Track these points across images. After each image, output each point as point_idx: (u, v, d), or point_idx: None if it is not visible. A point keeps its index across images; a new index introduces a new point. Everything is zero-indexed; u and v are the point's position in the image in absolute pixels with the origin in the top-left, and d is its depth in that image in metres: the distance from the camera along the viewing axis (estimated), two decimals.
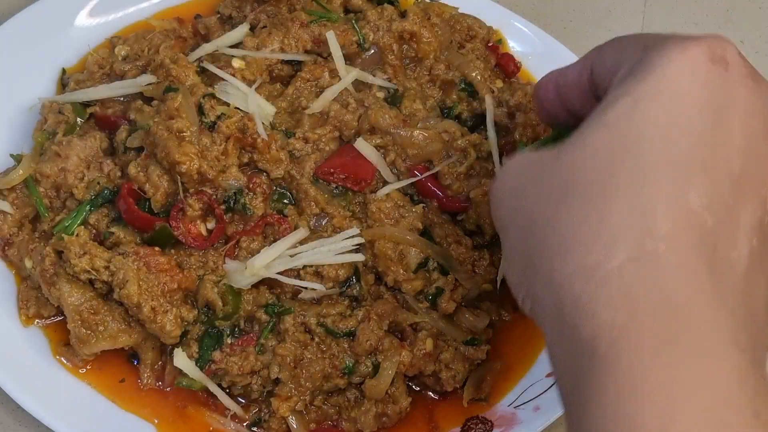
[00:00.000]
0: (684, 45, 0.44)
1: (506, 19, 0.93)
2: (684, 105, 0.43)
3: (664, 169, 0.42)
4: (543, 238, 0.44)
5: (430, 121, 0.80)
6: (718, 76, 0.44)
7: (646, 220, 0.40)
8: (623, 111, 0.43)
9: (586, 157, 0.44)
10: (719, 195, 0.42)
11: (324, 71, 0.80)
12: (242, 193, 0.74)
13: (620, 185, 0.41)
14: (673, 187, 0.41)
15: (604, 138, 0.43)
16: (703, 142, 0.42)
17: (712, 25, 1.03)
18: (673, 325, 0.39)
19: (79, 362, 0.73)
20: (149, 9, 0.90)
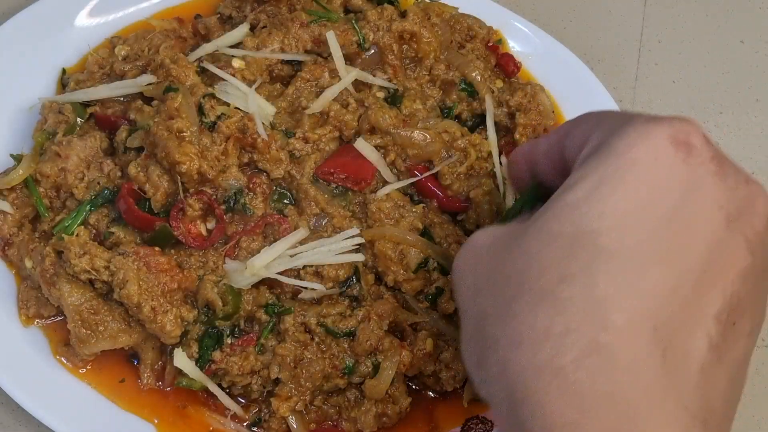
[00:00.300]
0: (647, 129, 0.43)
1: (506, 19, 0.93)
2: (644, 193, 0.42)
3: (620, 260, 0.40)
4: (499, 328, 0.42)
5: (430, 121, 0.80)
6: (681, 161, 0.43)
7: (600, 313, 0.39)
8: (582, 196, 0.42)
9: (543, 244, 0.42)
10: (677, 287, 0.41)
11: (324, 71, 0.80)
12: (242, 193, 0.74)
13: (575, 276, 0.40)
14: (628, 279, 0.40)
15: (562, 224, 0.42)
16: (661, 231, 0.41)
17: (712, 25, 1.03)
18: (624, 422, 0.38)
19: (79, 362, 0.73)
20: (149, 9, 0.90)
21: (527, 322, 0.41)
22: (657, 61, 1.00)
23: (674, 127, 0.43)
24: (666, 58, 1.00)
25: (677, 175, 0.42)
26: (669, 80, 0.99)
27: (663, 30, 1.02)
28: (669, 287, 0.40)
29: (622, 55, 1.00)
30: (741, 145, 0.95)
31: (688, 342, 0.41)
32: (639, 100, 0.97)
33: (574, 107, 0.90)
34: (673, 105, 0.97)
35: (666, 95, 0.98)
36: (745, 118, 0.97)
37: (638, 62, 1.00)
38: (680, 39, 1.02)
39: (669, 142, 0.43)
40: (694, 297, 0.41)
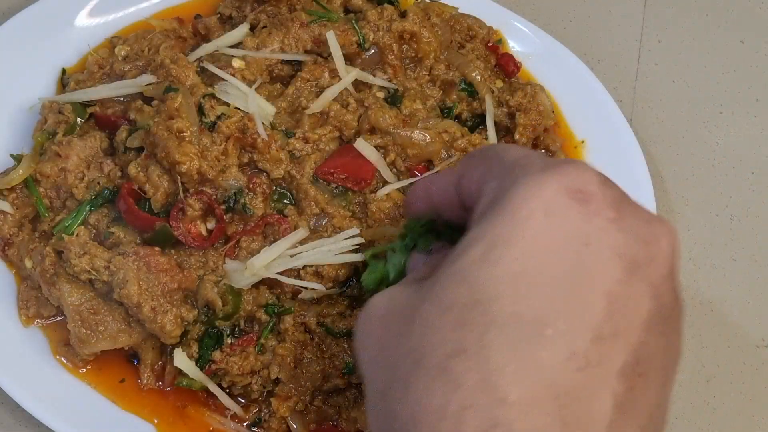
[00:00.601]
0: (540, 181, 0.41)
1: (506, 19, 0.93)
2: (537, 252, 0.39)
3: (514, 329, 0.38)
4: (398, 405, 0.40)
5: (430, 121, 0.80)
6: (576, 213, 0.40)
7: (496, 388, 0.37)
8: (476, 260, 0.40)
9: (437, 315, 0.40)
10: (577, 348, 0.38)
11: (324, 71, 0.80)
12: (242, 193, 0.74)
13: (469, 350, 0.38)
14: (523, 349, 0.38)
15: (455, 293, 0.40)
16: (556, 292, 0.39)
17: (712, 25, 1.03)
18: None
19: (79, 362, 0.73)
20: (149, 9, 0.90)
21: (423, 400, 0.39)
22: (657, 61, 1.00)
23: (568, 176, 0.41)
24: (666, 58, 1.00)
25: (572, 228, 0.40)
26: (669, 80, 0.99)
27: (663, 30, 1.02)
28: (567, 352, 0.38)
29: (622, 55, 1.00)
30: (741, 145, 0.95)
31: (591, 405, 0.38)
32: (639, 100, 0.97)
33: (574, 107, 0.90)
34: (673, 105, 0.97)
35: (666, 95, 0.98)
36: (745, 118, 0.97)
37: (638, 62, 1.00)
38: (680, 39, 1.02)
39: (563, 193, 0.40)
40: (595, 357, 0.38)
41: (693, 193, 0.91)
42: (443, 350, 0.39)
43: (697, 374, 0.82)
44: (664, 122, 0.96)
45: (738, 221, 0.91)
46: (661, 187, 0.89)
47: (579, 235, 0.40)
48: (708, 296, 0.85)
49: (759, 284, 0.87)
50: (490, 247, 0.40)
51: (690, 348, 0.82)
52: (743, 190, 0.92)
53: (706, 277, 0.87)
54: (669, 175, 0.91)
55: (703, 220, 0.90)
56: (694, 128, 0.96)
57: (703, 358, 0.83)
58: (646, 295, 0.41)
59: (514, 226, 0.40)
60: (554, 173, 0.41)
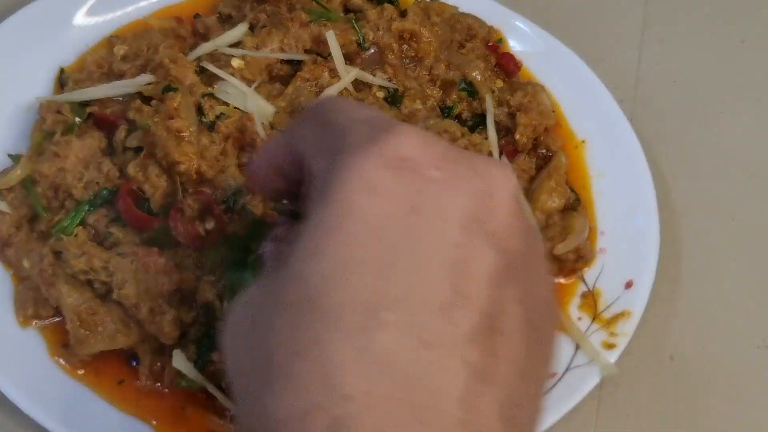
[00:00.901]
0: (358, 158, 0.38)
1: (506, 19, 0.93)
2: (363, 235, 0.37)
3: (346, 320, 0.36)
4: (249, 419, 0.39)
5: (430, 120, 0.79)
6: (399, 183, 0.38)
7: (337, 384, 0.35)
8: (303, 256, 0.38)
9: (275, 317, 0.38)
10: (417, 325, 0.36)
11: (324, 71, 0.79)
12: (241, 193, 0.74)
13: (308, 349, 0.36)
14: (359, 337, 0.35)
15: (290, 291, 0.38)
16: (390, 272, 0.36)
17: (711, 25, 1.03)
18: None
19: (77, 363, 0.73)
20: (148, 8, 0.90)
21: (271, 405, 0.37)
22: (658, 60, 1.00)
23: (386, 146, 0.38)
24: (667, 58, 1.00)
25: (397, 200, 0.38)
26: (669, 80, 0.99)
27: (664, 29, 1.02)
28: (407, 332, 0.36)
29: (622, 54, 0.99)
30: (742, 145, 0.95)
31: (441, 381, 0.36)
32: (640, 100, 0.96)
33: (575, 107, 0.89)
34: (673, 105, 0.97)
35: (666, 95, 0.98)
36: (746, 118, 0.97)
37: (639, 62, 1.00)
38: (681, 38, 1.02)
39: (381, 166, 0.38)
40: (439, 329, 0.36)
41: (694, 193, 0.91)
42: (284, 354, 0.37)
43: (698, 375, 0.82)
44: (665, 122, 0.95)
45: (738, 221, 0.90)
46: (662, 187, 0.88)
47: (405, 205, 0.38)
48: (708, 296, 0.85)
49: (759, 285, 0.87)
50: (316, 239, 0.38)
51: (690, 349, 0.82)
52: (744, 190, 0.92)
53: (706, 278, 0.86)
54: (670, 174, 0.91)
55: (704, 220, 0.90)
56: (696, 128, 0.96)
57: (704, 359, 0.82)
58: (487, 250, 0.38)
59: (338, 213, 0.38)
60: (372, 147, 0.38)
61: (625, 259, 0.81)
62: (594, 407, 0.78)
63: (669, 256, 0.84)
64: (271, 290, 0.39)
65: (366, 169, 0.38)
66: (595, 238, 0.83)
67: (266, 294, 0.40)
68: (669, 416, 0.79)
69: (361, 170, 0.38)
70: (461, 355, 0.36)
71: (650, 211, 0.83)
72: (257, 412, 0.38)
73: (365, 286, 0.36)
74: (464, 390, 0.36)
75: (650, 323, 0.80)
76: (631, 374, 0.78)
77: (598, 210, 0.85)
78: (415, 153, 0.39)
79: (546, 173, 0.83)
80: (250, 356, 0.39)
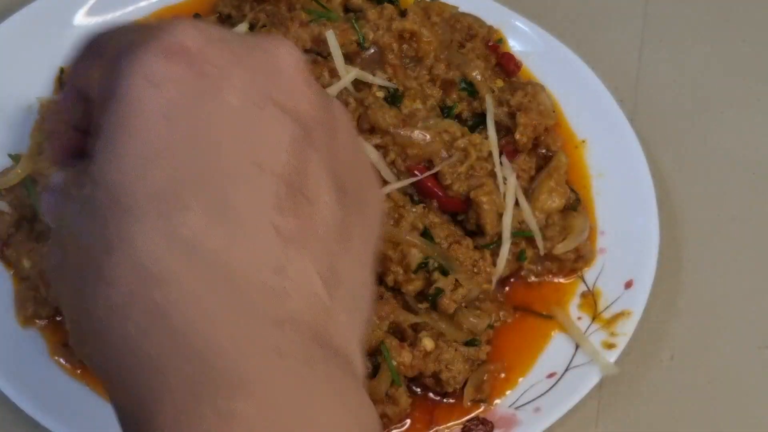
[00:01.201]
0: (137, 54, 0.38)
1: (506, 18, 0.93)
2: (154, 127, 0.37)
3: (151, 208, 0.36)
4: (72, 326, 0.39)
5: (430, 120, 0.79)
6: (180, 68, 0.37)
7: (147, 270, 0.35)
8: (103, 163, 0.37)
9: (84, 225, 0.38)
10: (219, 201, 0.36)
11: (324, 70, 0.79)
12: None
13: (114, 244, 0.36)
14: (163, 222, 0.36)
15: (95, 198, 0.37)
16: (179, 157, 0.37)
17: (712, 25, 1.03)
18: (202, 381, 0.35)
19: (77, 363, 0.73)
20: (148, 8, 0.90)
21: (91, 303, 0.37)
22: (658, 60, 1.00)
23: (164, 39, 0.38)
24: (666, 58, 1.00)
25: (179, 87, 0.37)
26: (670, 80, 0.98)
27: (664, 30, 1.02)
28: (209, 211, 0.36)
29: (623, 54, 0.99)
30: (742, 145, 0.95)
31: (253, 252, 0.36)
32: (640, 100, 0.96)
33: (575, 107, 0.89)
34: (674, 105, 0.97)
35: (666, 95, 0.97)
36: (747, 118, 0.97)
37: (639, 62, 0.99)
38: (682, 38, 1.01)
39: (161, 57, 0.37)
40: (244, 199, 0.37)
41: (694, 193, 0.91)
42: (96, 254, 0.37)
43: (698, 375, 0.82)
44: (666, 122, 0.95)
45: (739, 221, 0.90)
46: (662, 187, 0.88)
47: (190, 90, 0.37)
48: (708, 297, 0.85)
49: (759, 285, 0.87)
50: (111, 143, 0.37)
51: (690, 350, 0.82)
52: (744, 190, 0.92)
53: (706, 278, 0.86)
54: (670, 174, 0.91)
55: (704, 220, 0.90)
56: (696, 128, 0.95)
57: (704, 359, 0.82)
58: (282, 118, 0.38)
59: (125, 110, 0.37)
60: (150, 41, 0.38)
61: (625, 259, 0.81)
62: (594, 407, 0.78)
63: (669, 256, 0.84)
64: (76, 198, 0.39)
65: (145, 62, 0.37)
66: (595, 238, 0.83)
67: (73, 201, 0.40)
68: (669, 416, 0.79)
69: (141, 64, 0.37)
70: (270, 223, 0.37)
71: (650, 211, 0.83)
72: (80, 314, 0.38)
73: (163, 174, 0.36)
74: (278, 257, 0.36)
75: (650, 323, 0.80)
76: (631, 374, 0.78)
77: (598, 210, 0.85)
78: (195, 41, 0.38)
79: (546, 173, 0.83)
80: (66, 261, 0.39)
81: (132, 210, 0.36)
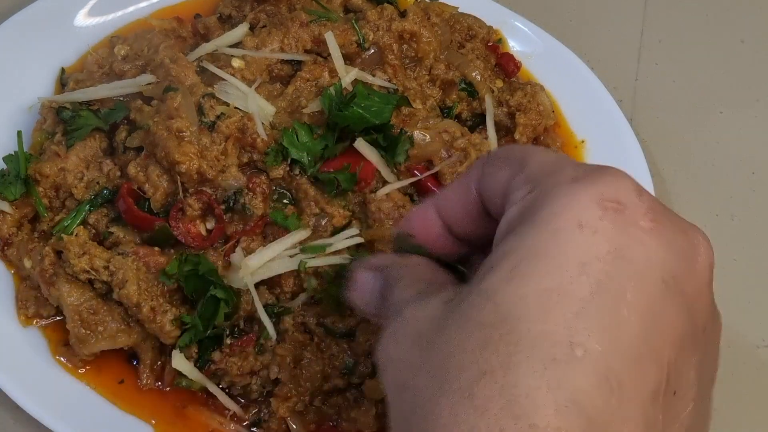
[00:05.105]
0: (572, 192, 0.38)
1: (506, 19, 0.93)
2: (568, 267, 0.37)
3: (542, 349, 0.36)
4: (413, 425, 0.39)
5: (430, 120, 0.79)
6: (610, 224, 0.38)
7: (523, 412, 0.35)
8: (502, 278, 0.38)
9: (463, 336, 0.38)
10: (609, 369, 0.36)
11: (324, 71, 0.79)
12: (242, 193, 0.74)
13: (495, 372, 0.36)
14: (553, 369, 0.36)
15: (482, 312, 0.38)
16: (589, 309, 0.37)
17: (711, 25, 1.03)
18: None
19: (78, 362, 0.73)
20: (148, 8, 0.90)
21: (448, 426, 0.37)
22: (657, 61, 1.00)
23: (601, 186, 0.39)
24: (666, 58, 1.00)
25: (606, 240, 0.38)
26: (669, 80, 0.99)
27: (663, 30, 1.02)
28: (600, 374, 0.36)
29: (622, 54, 1.00)
30: (741, 145, 0.95)
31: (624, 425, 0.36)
32: (639, 100, 0.96)
33: (575, 107, 0.90)
34: (673, 105, 0.97)
35: (666, 95, 0.98)
36: (746, 118, 0.97)
37: (638, 62, 1.00)
38: (680, 39, 1.02)
39: (595, 204, 0.38)
40: (628, 379, 0.36)
41: (693, 193, 0.91)
42: (468, 373, 0.37)
43: None
44: (665, 122, 0.96)
45: (738, 221, 0.90)
46: (661, 187, 0.89)
47: (614, 247, 0.38)
48: None
49: (759, 284, 0.87)
50: (519, 263, 0.38)
51: None
52: (743, 189, 0.92)
53: None
54: (669, 174, 0.91)
55: (704, 219, 0.90)
56: (695, 128, 0.96)
57: None
58: (681, 311, 0.39)
59: (545, 241, 0.38)
60: (588, 183, 0.39)
61: None
62: None
63: None
64: (453, 308, 0.40)
65: (579, 203, 0.38)
66: None
67: (446, 313, 0.40)
68: None
69: (574, 203, 0.38)
70: (643, 410, 0.37)
71: None
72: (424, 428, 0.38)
73: (565, 319, 0.36)
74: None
75: None
76: None
77: None
78: (629, 198, 0.39)
79: None
80: (423, 370, 0.39)
81: (523, 343, 0.36)
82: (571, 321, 0.36)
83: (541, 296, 0.37)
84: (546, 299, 0.37)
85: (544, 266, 0.37)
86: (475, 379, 0.36)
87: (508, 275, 0.38)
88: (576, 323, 0.36)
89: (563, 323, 0.36)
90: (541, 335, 0.36)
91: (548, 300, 0.37)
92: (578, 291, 0.37)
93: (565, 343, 0.36)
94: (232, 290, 0.71)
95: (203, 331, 0.70)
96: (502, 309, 0.37)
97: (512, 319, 0.37)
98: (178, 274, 0.71)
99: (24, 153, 0.77)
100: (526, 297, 0.37)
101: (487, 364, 0.36)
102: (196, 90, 0.75)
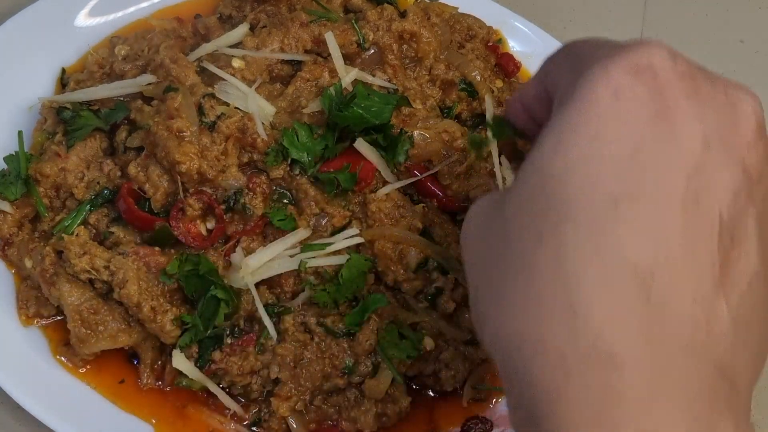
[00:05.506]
0: (606, 64, 0.40)
1: (506, 19, 0.93)
2: (606, 134, 0.39)
3: (588, 213, 0.38)
4: (488, 295, 0.42)
5: (429, 120, 0.80)
6: (645, 89, 0.40)
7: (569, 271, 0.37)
8: (546, 152, 0.40)
9: (518, 210, 0.41)
10: (656, 222, 0.38)
11: (324, 71, 0.79)
12: (242, 193, 0.74)
13: (546, 240, 0.38)
14: (597, 226, 0.37)
15: (532, 186, 0.40)
16: (630, 170, 0.38)
17: (711, 25, 1.03)
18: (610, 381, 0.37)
19: (78, 362, 0.73)
20: (149, 8, 0.90)
21: (505, 292, 0.40)
22: None
23: (634, 55, 0.40)
24: None
25: (642, 105, 0.39)
26: None
27: (663, 30, 1.02)
28: (645, 227, 0.38)
29: None
30: None
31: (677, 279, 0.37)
32: None
33: None
34: None
35: None
36: None
37: None
38: (680, 39, 1.02)
39: (630, 73, 0.40)
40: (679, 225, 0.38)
41: None
42: (522, 245, 0.40)
43: None
44: None
45: None
46: None
47: (650, 111, 0.39)
48: None
49: None
50: (560, 137, 0.40)
51: None
52: None
53: None
54: None
55: None
56: None
57: None
58: (729, 163, 0.40)
59: (583, 112, 0.40)
60: (620, 55, 0.40)
61: None
62: None
63: None
64: (509, 190, 0.43)
65: (612, 73, 0.40)
66: None
67: (504, 194, 0.43)
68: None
69: (607, 74, 0.40)
70: (697, 256, 0.38)
71: None
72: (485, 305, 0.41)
73: (605, 179, 0.38)
74: (699, 292, 0.38)
75: None
76: None
77: None
78: (662, 63, 0.40)
79: None
80: (489, 246, 0.43)
81: (571, 207, 0.39)
82: (611, 181, 0.38)
83: (582, 163, 0.39)
84: (587, 165, 0.39)
85: (583, 136, 0.39)
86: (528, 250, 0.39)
87: (552, 149, 0.40)
88: (617, 184, 0.38)
89: (603, 184, 0.38)
90: (582, 197, 0.38)
91: (589, 166, 0.39)
92: (618, 155, 0.39)
93: (608, 202, 0.38)
94: (233, 290, 0.72)
95: (203, 330, 0.70)
96: (548, 180, 0.40)
97: (558, 189, 0.39)
98: (178, 274, 0.71)
99: (24, 153, 0.78)
100: (568, 166, 0.39)
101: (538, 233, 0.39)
102: (197, 90, 0.75)
